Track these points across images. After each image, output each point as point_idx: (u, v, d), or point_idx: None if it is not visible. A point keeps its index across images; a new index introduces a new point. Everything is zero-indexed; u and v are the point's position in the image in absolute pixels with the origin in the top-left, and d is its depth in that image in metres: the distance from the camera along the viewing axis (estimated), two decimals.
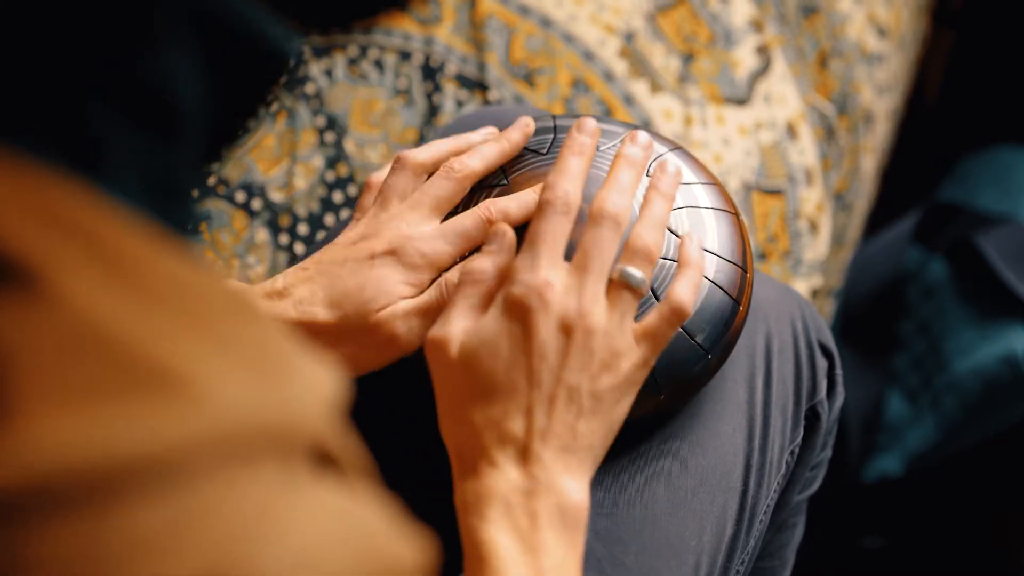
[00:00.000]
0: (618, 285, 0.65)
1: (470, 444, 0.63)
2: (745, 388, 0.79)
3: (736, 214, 0.78)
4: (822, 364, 0.83)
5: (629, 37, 1.21)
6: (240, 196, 1.04)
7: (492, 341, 0.63)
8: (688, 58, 1.22)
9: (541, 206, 0.66)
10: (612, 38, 1.20)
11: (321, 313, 0.69)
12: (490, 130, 0.78)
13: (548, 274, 0.63)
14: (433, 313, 0.69)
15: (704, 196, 0.77)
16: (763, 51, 1.26)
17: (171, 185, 0.38)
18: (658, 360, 0.72)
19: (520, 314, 0.63)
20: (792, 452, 0.81)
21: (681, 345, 0.72)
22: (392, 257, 0.70)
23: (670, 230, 0.74)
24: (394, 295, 0.69)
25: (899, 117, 1.53)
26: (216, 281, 0.36)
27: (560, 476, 0.62)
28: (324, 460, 0.36)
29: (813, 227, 1.21)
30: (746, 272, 0.76)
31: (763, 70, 1.25)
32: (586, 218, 0.67)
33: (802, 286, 1.19)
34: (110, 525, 0.30)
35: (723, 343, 0.74)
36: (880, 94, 1.39)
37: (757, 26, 1.27)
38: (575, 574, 0.61)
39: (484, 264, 0.66)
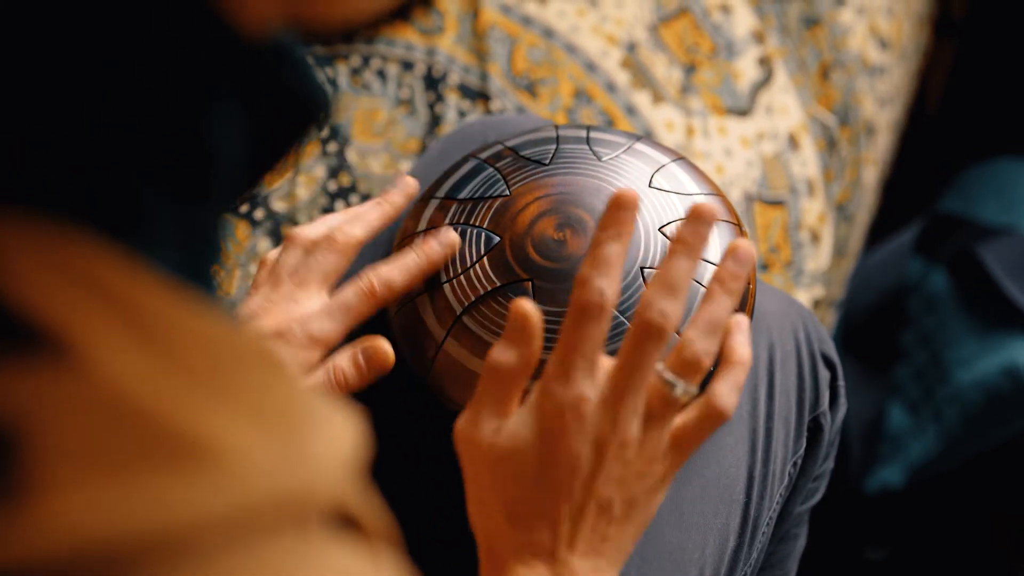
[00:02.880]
0: (659, 395, 0.59)
1: (498, 538, 0.61)
2: (748, 399, 0.79)
3: (739, 225, 0.78)
4: (824, 375, 0.83)
5: (631, 48, 1.21)
6: (243, 206, 1.04)
7: (522, 449, 0.59)
8: (690, 69, 1.22)
9: (574, 307, 0.59)
10: (614, 49, 1.20)
11: None
12: (375, 200, 0.78)
13: (583, 388, 0.58)
14: (326, 391, 0.69)
15: None
16: (765, 62, 1.26)
17: (200, 234, 0.37)
18: None
19: (552, 428, 0.58)
20: (795, 463, 0.81)
21: None
22: (279, 340, 0.70)
23: (667, 237, 0.74)
24: None
25: (900, 128, 1.53)
26: (242, 337, 0.36)
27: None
28: (345, 521, 0.36)
29: (815, 238, 1.22)
30: (749, 284, 0.76)
31: (765, 81, 1.25)
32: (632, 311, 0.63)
33: (804, 297, 1.19)
34: None
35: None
36: (882, 106, 1.39)
37: (759, 37, 1.27)
38: None
39: (508, 357, 0.59)
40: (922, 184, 1.69)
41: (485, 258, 0.75)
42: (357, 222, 0.75)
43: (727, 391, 0.60)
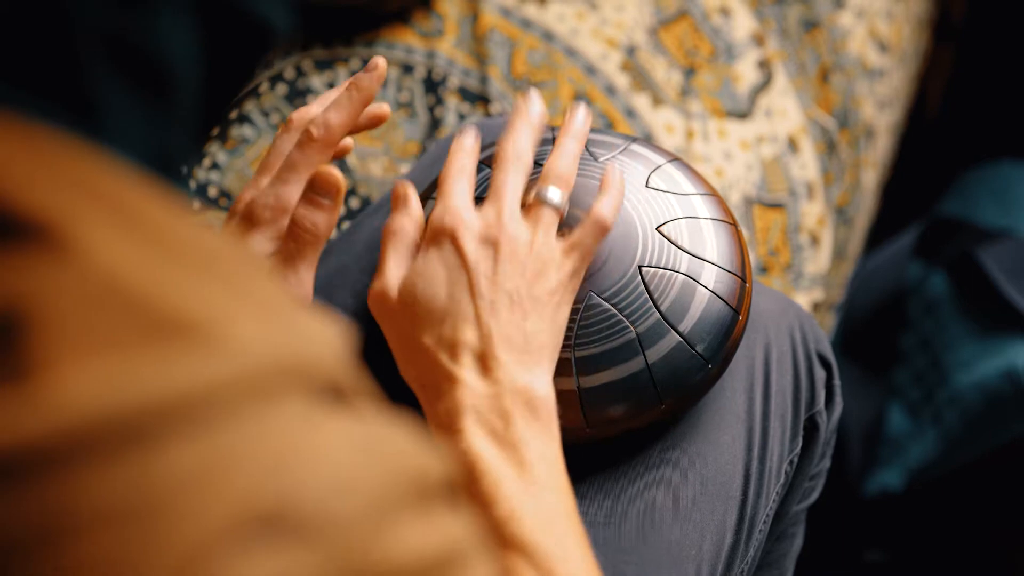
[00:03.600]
0: (536, 204, 0.69)
1: (429, 369, 0.65)
2: (744, 398, 0.80)
3: (735, 225, 0.78)
4: (820, 374, 0.83)
5: (631, 51, 1.21)
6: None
7: (427, 271, 0.66)
8: (690, 72, 1.23)
9: (497, 160, 0.70)
10: (614, 52, 1.20)
11: None
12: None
13: (462, 201, 0.68)
14: (293, 254, 0.70)
15: (703, 207, 0.77)
16: (764, 65, 1.26)
17: (166, 154, 0.39)
18: (658, 370, 0.72)
19: (446, 238, 0.67)
20: (791, 462, 0.81)
21: (681, 355, 0.73)
22: (247, 226, 0.71)
23: (669, 239, 0.74)
24: (258, 256, 0.70)
25: (900, 132, 1.53)
26: (222, 238, 0.37)
27: (521, 374, 0.64)
28: (340, 395, 0.37)
29: (814, 241, 1.22)
30: (745, 282, 0.76)
31: (764, 84, 1.25)
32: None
33: (803, 300, 1.19)
34: (146, 470, 0.31)
35: (723, 353, 0.74)
36: (881, 109, 1.39)
37: (758, 40, 1.27)
38: (558, 462, 0.63)
39: (401, 220, 0.70)
40: (921, 187, 1.69)
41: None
42: (316, 102, 0.75)
43: (606, 205, 0.70)
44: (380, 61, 0.74)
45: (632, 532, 0.74)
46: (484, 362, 0.64)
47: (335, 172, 0.69)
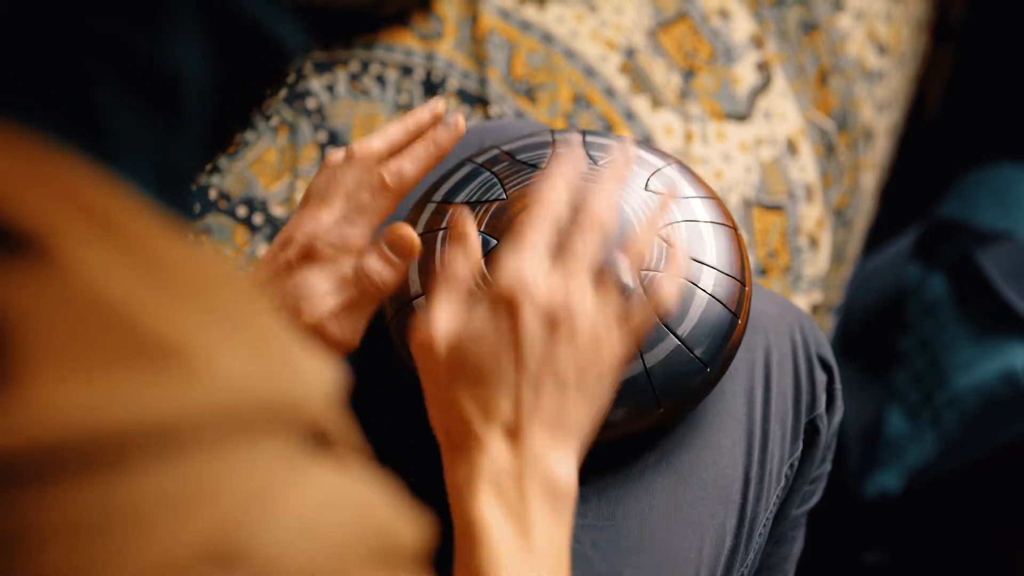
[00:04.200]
0: (605, 280, 0.66)
1: (458, 428, 0.64)
2: (744, 401, 0.79)
3: (734, 228, 0.78)
4: (821, 378, 0.83)
5: (630, 53, 1.21)
6: (242, 211, 1.05)
7: (479, 333, 0.63)
8: (689, 74, 1.23)
9: (528, 210, 0.67)
10: (613, 54, 1.20)
11: None
12: (414, 121, 0.77)
13: (534, 267, 0.64)
14: (359, 306, 0.70)
15: (702, 210, 0.77)
16: (763, 68, 1.26)
17: (174, 171, 0.38)
18: (657, 373, 0.72)
19: (507, 305, 0.63)
20: (791, 465, 0.81)
21: (680, 358, 0.73)
22: (307, 260, 0.70)
23: (667, 242, 0.74)
24: (316, 296, 0.69)
25: (899, 134, 1.53)
26: (220, 265, 0.37)
27: (549, 454, 0.62)
28: (322, 441, 0.37)
29: (813, 243, 1.22)
30: (744, 286, 0.76)
31: (763, 86, 1.25)
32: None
33: (802, 302, 1.19)
34: (114, 491, 0.31)
35: (722, 356, 0.74)
36: (880, 111, 1.39)
37: (757, 43, 1.27)
38: (564, 550, 0.62)
39: (456, 262, 0.66)
40: (920, 189, 1.69)
41: (483, 261, 0.75)
42: (378, 135, 0.74)
43: (668, 285, 0.67)
44: (460, 121, 0.74)
45: (631, 535, 0.74)
46: (514, 435, 0.62)
47: (412, 235, 0.68)
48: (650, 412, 0.73)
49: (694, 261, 0.75)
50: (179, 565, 0.31)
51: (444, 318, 0.65)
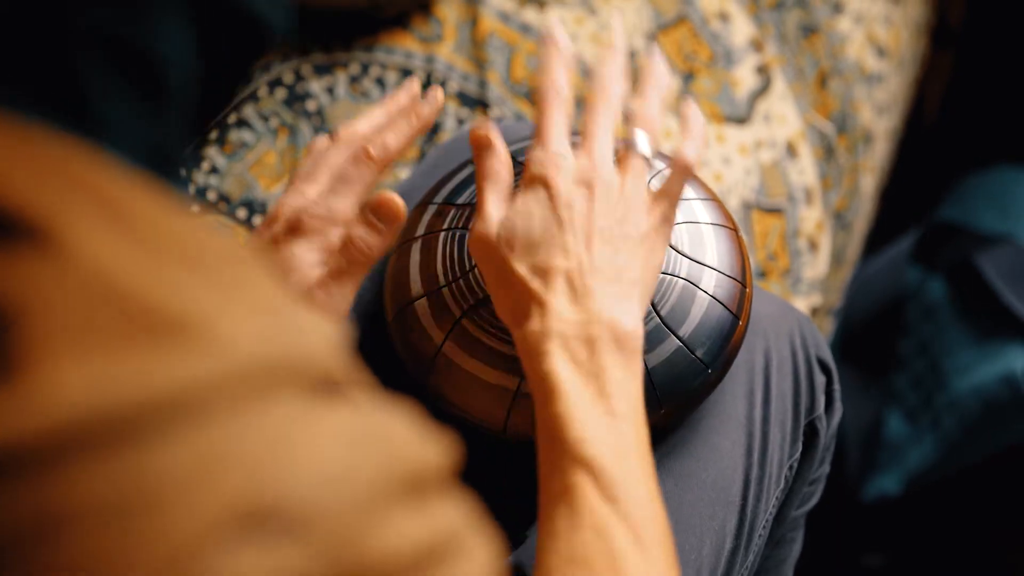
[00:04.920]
0: (626, 152, 0.70)
1: (521, 296, 0.67)
2: (744, 403, 0.80)
3: (735, 230, 0.78)
4: (820, 380, 0.83)
5: (630, 56, 1.21)
6: (241, 213, 1.05)
7: (524, 210, 0.68)
8: (688, 77, 1.23)
9: (538, 103, 0.71)
10: None
11: None
12: (395, 102, 0.79)
13: (559, 147, 0.69)
14: (346, 274, 0.71)
15: (703, 212, 0.77)
16: (763, 71, 1.26)
17: (162, 150, 0.39)
18: (658, 374, 0.72)
19: (543, 182, 0.68)
20: (791, 467, 0.81)
21: (681, 359, 0.73)
22: (293, 234, 0.71)
23: (669, 244, 0.74)
24: (303, 268, 0.71)
25: (898, 137, 1.54)
26: (218, 235, 0.37)
27: (611, 305, 0.65)
28: (335, 388, 0.37)
29: (813, 246, 1.22)
30: (745, 287, 0.76)
31: (763, 89, 1.26)
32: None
33: (801, 304, 1.19)
34: (135, 466, 0.31)
35: (723, 358, 0.74)
36: (879, 114, 1.39)
37: (757, 46, 1.28)
38: (636, 392, 0.64)
39: (491, 162, 0.71)
40: (920, 192, 1.69)
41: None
42: (362, 117, 0.76)
43: (691, 149, 0.71)
44: (439, 94, 0.77)
45: None
46: (575, 289, 0.65)
47: (397, 200, 0.70)
48: (651, 413, 0.73)
49: (695, 262, 0.75)
50: (211, 534, 0.31)
51: (494, 211, 0.69)
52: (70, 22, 0.35)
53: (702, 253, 0.75)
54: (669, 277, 0.74)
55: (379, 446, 0.37)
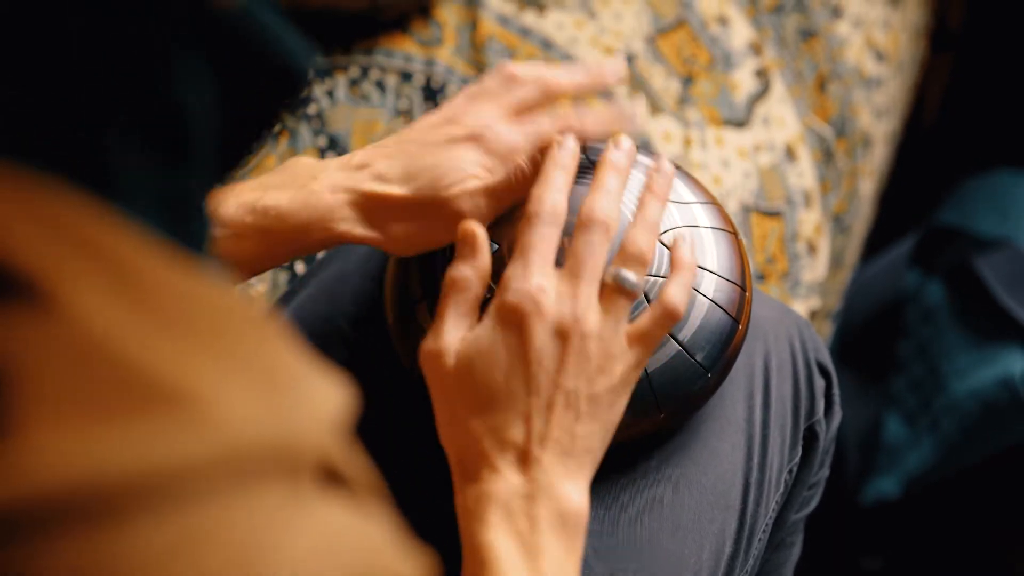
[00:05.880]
0: (612, 289, 0.65)
1: (470, 451, 0.64)
2: (744, 407, 0.80)
3: (735, 233, 0.78)
4: (820, 384, 0.83)
5: (629, 59, 1.21)
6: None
7: (488, 350, 0.63)
8: (688, 80, 1.23)
9: (528, 217, 0.66)
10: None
11: (396, 188, 0.70)
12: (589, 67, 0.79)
13: (541, 280, 0.64)
14: (500, 194, 0.71)
15: (703, 215, 0.77)
16: (762, 74, 1.27)
17: (183, 203, 0.38)
18: (658, 379, 0.72)
19: (515, 321, 0.63)
20: (790, 471, 0.81)
21: (681, 364, 0.73)
22: (471, 142, 0.71)
23: (664, 244, 0.74)
24: (467, 174, 0.70)
25: (897, 140, 1.54)
26: (228, 297, 0.36)
27: (560, 480, 0.62)
28: (331, 476, 0.36)
29: (811, 249, 1.22)
30: (745, 291, 0.76)
31: (762, 93, 1.26)
32: (573, 229, 0.67)
33: (800, 308, 1.20)
34: (113, 544, 0.30)
35: (722, 362, 0.74)
36: (878, 117, 1.39)
37: (756, 49, 1.28)
38: (574, 573, 0.62)
39: (465, 271, 0.66)
40: (919, 196, 1.69)
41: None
42: (567, 75, 0.75)
43: (677, 291, 0.66)
44: (622, 62, 0.77)
45: (631, 541, 0.74)
46: (525, 460, 0.62)
47: (479, 230, 0.69)
48: (651, 417, 0.73)
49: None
50: None
51: (452, 328, 0.65)
52: (91, 78, 0.34)
53: (702, 257, 0.75)
54: (658, 279, 0.74)
55: (358, 552, 0.36)
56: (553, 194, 0.67)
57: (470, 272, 0.66)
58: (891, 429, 1.42)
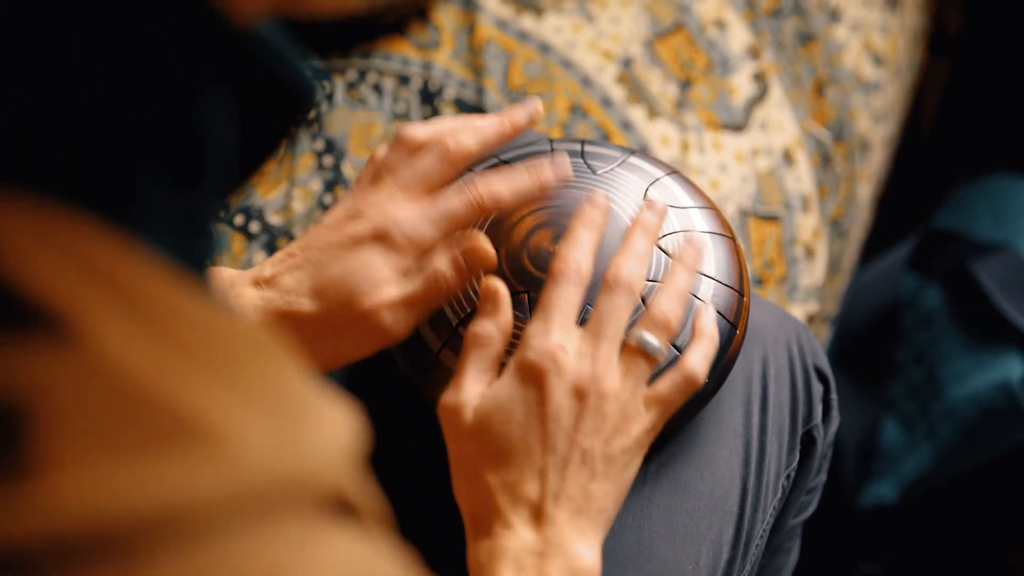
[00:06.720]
0: (633, 351, 0.65)
1: (484, 505, 0.63)
2: (742, 412, 0.79)
3: (733, 238, 0.78)
4: (818, 389, 0.83)
5: (627, 63, 1.21)
6: (239, 219, 1.05)
7: (506, 406, 0.63)
8: (685, 84, 1.23)
9: (553, 275, 0.66)
10: (610, 64, 1.21)
11: (307, 304, 0.68)
12: (496, 114, 0.76)
13: (561, 339, 0.64)
14: (419, 303, 0.68)
15: (701, 220, 0.77)
16: (760, 78, 1.26)
17: (194, 223, 0.38)
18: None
19: (534, 379, 0.63)
20: (788, 476, 0.81)
21: None
22: (377, 242, 0.68)
23: (665, 252, 0.74)
24: (378, 282, 0.68)
25: (895, 145, 1.54)
26: (239, 322, 0.36)
27: (572, 539, 0.62)
28: (343, 507, 0.36)
29: (809, 253, 1.22)
30: (743, 296, 0.76)
31: (760, 97, 1.26)
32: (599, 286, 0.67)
33: (798, 312, 1.19)
34: None
35: (720, 367, 0.74)
36: (876, 122, 1.39)
37: (754, 53, 1.28)
38: None
39: (487, 328, 0.66)
40: (916, 200, 1.69)
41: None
42: (472, 133, 0.72)
43: (698, 359, 0.67)
44: (537, 103, 0.73)
45: (628, 546, 0.74)
46: (539, 517, 0.62)
47: (490, 251, 0.68)
48: None
49: None
50: None
51: (471, 383, 0.65)
52: (122, 110, 0.34)
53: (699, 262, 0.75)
54: (653, 283, 0.73)
55: None
56: (577, 253, 0.67)
57: (492, 328, 0.66)
58: (889, 434, 1.42)
